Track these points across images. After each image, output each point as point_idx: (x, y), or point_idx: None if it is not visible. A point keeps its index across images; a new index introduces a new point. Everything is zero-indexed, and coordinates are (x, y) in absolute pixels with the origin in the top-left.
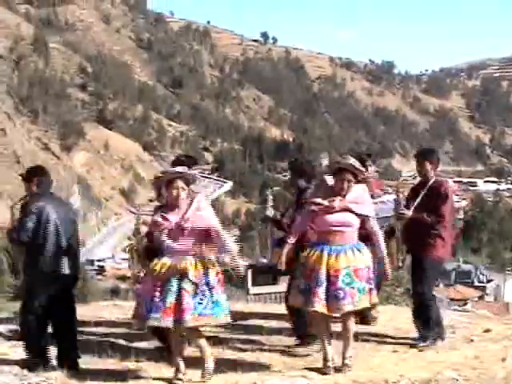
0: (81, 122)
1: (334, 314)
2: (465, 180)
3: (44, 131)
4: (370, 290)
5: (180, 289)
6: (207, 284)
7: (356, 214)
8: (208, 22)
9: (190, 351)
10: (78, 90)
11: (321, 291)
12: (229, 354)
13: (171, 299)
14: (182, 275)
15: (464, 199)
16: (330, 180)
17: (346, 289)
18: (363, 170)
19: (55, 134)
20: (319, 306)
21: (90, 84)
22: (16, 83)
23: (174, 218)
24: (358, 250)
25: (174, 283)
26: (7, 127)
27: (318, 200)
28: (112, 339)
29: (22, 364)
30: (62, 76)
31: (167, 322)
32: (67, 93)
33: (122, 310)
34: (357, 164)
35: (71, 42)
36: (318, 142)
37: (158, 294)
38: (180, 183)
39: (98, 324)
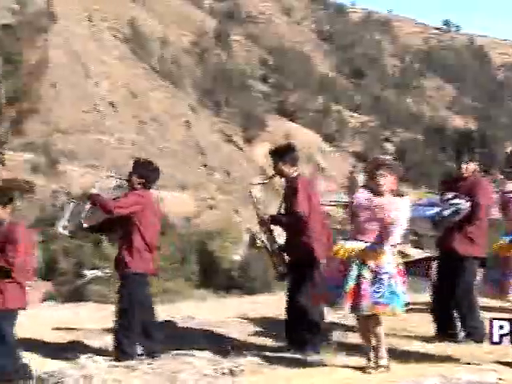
0: (262, 113)
1: None
2: None
3: (226, 123)
4: None
5: (359, 275)
6: (386, 273)
7: None
8: (389, 11)
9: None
10: (260, 82)
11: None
12: (415, 345)
13: (350, 284)
14: (363, 262)
15: None
16: None
17: None
18: None
19: (237, 125)
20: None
21: (271, 76)
22: (200, 76)
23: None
24: None
25: (355, 269)
26: (192, 119)
27: None
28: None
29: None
30: (243, 68)
31: (346, 307)
32: (249, 85)
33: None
34: None
35: (253, 34)
36: (503, 131)
37: (340, 279)
38: (382, 171)
39: None
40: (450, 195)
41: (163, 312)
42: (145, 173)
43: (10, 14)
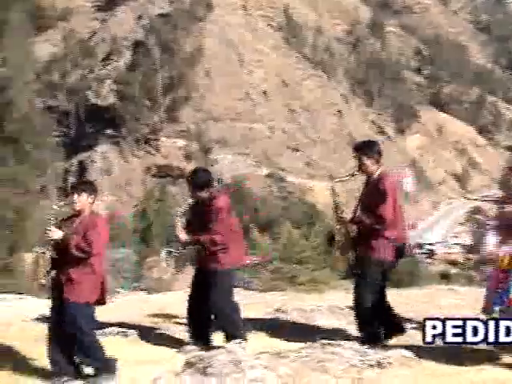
0: (415, 105)
1: None
2: None
3: (378, 114)
4: None
5: None
6: None
7: None
8: None
9: None
10: (414, 72)
11: None
12: None
13: None
14: None
15: None
16: None
17: None
18: None
19: (390, 116)
20: None
21: (426, 67)
22: (352, 66)
23: None
24: None
25: None
26: (344, 109)
27: None
28: None
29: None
30: (397, 59)
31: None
32: (402, 76)
33: (458, 295)
34: None
35: (408, 24)
36: None
37: (500, 285)
38: None
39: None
40: None
41: (310, 301)
42: (202, 181)
43: (167, 3)
